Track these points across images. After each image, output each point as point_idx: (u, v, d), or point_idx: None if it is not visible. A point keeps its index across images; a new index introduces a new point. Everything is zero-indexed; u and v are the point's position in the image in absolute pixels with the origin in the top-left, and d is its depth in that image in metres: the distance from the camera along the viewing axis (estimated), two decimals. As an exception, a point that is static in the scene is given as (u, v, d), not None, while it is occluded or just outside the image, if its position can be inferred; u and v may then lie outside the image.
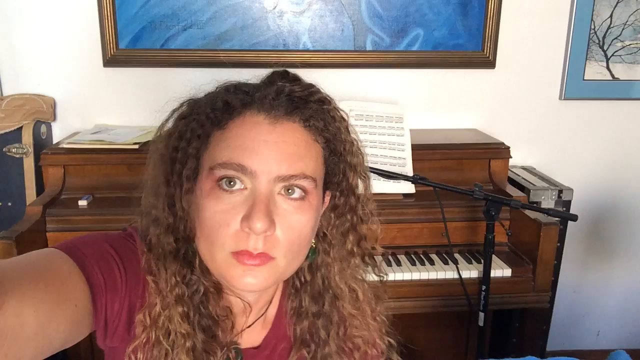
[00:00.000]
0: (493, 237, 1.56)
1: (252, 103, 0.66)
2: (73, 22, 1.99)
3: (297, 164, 0.65)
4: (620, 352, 1.06)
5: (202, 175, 0.67)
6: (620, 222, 2.41)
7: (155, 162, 0.72)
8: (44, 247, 0.87)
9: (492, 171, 1.95)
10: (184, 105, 0.72)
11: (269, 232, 0.63)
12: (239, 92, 0.68)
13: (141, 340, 0.68)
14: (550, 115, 2.27)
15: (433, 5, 2.07)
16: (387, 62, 2.12)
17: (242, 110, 0.66)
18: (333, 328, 0.77)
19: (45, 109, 1.99)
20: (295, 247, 0.67)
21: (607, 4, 2.14)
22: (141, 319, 0.69)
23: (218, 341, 0.72)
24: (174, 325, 0.69)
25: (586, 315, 2.51)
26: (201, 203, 0.65)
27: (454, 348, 2.04)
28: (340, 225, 0.76)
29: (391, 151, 1.83)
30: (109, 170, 1.79)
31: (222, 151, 0.65)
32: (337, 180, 0.73)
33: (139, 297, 0.69)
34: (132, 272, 0.69)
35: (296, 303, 0.78)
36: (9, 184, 1.89)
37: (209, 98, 0.69)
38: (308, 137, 0.68)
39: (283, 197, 0.66)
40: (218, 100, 0.68)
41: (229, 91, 0.69)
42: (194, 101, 0.71)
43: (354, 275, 0.79)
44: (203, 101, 0.70)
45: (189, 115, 0.70)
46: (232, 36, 2.04)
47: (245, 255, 0.64)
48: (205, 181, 0.66)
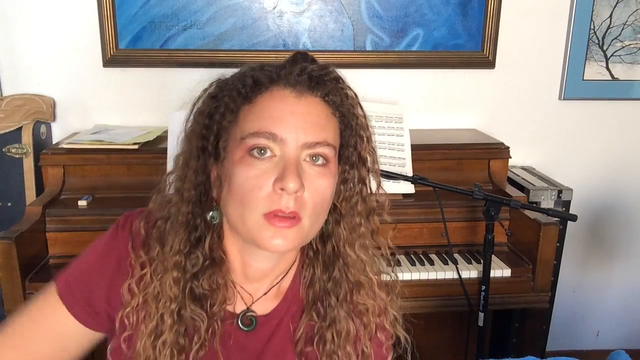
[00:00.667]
0: (493, 237, 1.56)
1: (278, 79, 0.74)
2: (73, 22, 1.99)
3: (321, 133, 0.73)
4: (620, 352, 1.06)
5: (232, 146, 0.73)
6: (620, 222, 2.41)
7: (186, 138, 0.78)
8: (43, 247, 1.31)
9: (491, 171, 1.95)
10: (213, 85, 0.78)
11: (299, 192, 0.71)
12: (265, 70, 0.75)
13: (132, 307, 0.77)
14: (550, 116, 2.27)
15: (433, 5, 2.07)
16: (387, 62, 2.12)
17: (269, 86, 0.74)
18: (342, 293, 0.81)
19: (45, 109, 1.99)
20: (318, 209, 0.74)
21: (606, 4, 2.14)
22: (128, 287, 0.77)
23: (207, 311, 0.77)
24: (164, 288, 0.76)
25: (586, 315, 2.51)
26: (233, 171, 0.72)
27: (454, 348, 2.04)
28: (350, 198, 0.81)
29: (391, 151, 1.83)
30: (108, 170, 1.79)
31: (252, 122, 0.72)
32: (349, 153, 0.80)
33: (122, 278, 0.78)
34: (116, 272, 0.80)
35: (309, 271, 0.84)
36: (9, 184, 1.89)
37: (237, 77, 0.76)
38: (327, 110, 0.76)
39: (308, 164, 0.73)
40: (247, 78, 0.74)
41: (255, 69, 0.75)
42: (223, 81, 0.78)
43: (363, 245, 0.84)
44: (231, 80, 0.77)
45: (219, 93, 0.76)
46: (232, 36, 2.04)
47: (277, 218, 0.71)
48: (236, 151, 0.72)
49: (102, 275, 0.81)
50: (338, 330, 0.81)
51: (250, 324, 0.82)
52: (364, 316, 0.83)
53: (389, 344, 0.87)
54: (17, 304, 1.54)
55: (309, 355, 0.82)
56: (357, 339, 0.82)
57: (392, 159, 1.83)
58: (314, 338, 0.82)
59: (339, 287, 0.82)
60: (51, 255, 1.67)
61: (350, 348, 0.81)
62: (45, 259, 1.65)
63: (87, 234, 1.65)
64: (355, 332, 0.82)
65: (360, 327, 0.83)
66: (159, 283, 0.76)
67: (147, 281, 0.78)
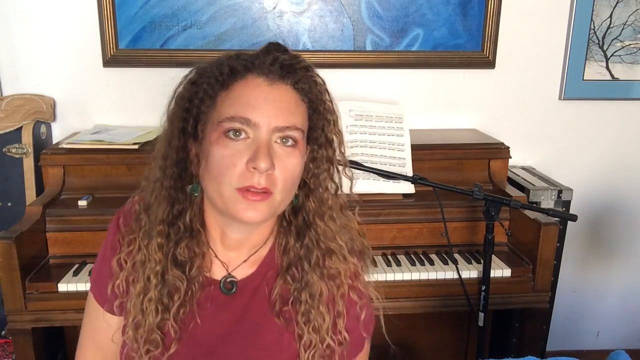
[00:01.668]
0: (493, 237, 1.56)
1: (253, 68, 0.81)
2: (73, 22, 1.99)
3: (290, 118, 0.81)
4: (620, 352, 1.06)
5: (210, 128, 0.81)
6: (620, 222, 2.41)
7: (168, 119, 0.86)
8: (43, 247, 1.51)
9: (491, 171, 1.95)
10: (193, 71, 0.85)
11: (270, 170, 0.78)
12: (240, 59, 0.82)
13: (123, 277, 0.87)
14: (550, 115, 2.27)
15: (433, 5, 2.07)
16: (387, 62, 2.12)
17: (244, 74, 0.81)
18: (314, 258, 0.89)
19: (45, 109, 1.99)
20: (288, 184, 0.82)
21: (607, 4, 2.14)
22: (117, 261, 0.88)
23: (187, 275, 0.87)
24: (150, 253, 0.85)
25: (586, 315, 2.51)
26: (210, 150, 0.80)
27: (454, 348, 2.04)
28: (318, 174, 0.89)
29: (391, 151, 1.83)
30: (108, 170, 1.79)
31: (229, 107, 0.79)
32: (317, 135, 0.88)
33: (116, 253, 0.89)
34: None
35: (284, 240, 0.92)
36: (9, 184, 1.89)
37: (215, 65, 0.83)
38: (297, 96, 0.83)
39: (279, 145, 0.81)
40: (224, 66, 0.81)
41: (232, 58, 0.83)
42: (202, 68, 0.84)
43: (331, 216, 0.91)
44: (209, 68, 0.83)
45: (198, 80, 0.83)
46: (232, 36, 2.04)
47: (250, 192, 0.78)
48: (213, 133, 0.80)
49: (108, 269, 0.91)
50: (311, 292, 0.88)
51: (231, 288, 0.90)
52: (337, 279, 0.90)
53: (363, 302, 0.93)
54: (17, 304, 1.54)
55: (286, 314, 0.89)
56: (331, 300, 0.89)
57: (392, 159, 1.83)
58: (289, 299, 0.89)
59: (311, 253, 0.89)
60: (51, 255, 1.67)
61: (323, 308, 0.88)
62: (45, 259, 1.66)
63: (87, 234, 1.65)
64: (328, 293, 0.89)
65: (333, 288, 0.89)
66: (146, 250, 0.86)
67: (135, 250, 0.88)
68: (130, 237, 0.89)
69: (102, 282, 0.92)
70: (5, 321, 1.58)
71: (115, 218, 0.94)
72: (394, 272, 1.67)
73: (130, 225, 0.90)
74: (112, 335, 0.94)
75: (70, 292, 1.55)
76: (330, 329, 0.88)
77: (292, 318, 0.89)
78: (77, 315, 1.54)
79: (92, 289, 0.96)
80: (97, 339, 0.96)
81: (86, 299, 0.99)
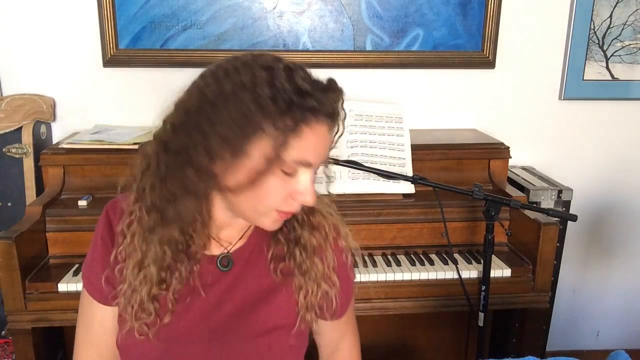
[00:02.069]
0: (493, 237, 1.56)
1: (319, 114, 0.80)
2: (73, 22, 2.00)
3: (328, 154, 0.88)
4: (620, 352, 1.06)
5: (264, 156, 0.79)
6: (620, 222, 2.41)
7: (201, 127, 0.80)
8: (43, 247, 1.50)
9: (491, 171, 1.95)
10: (243, 92, 0.78)
11: None
12: (307, 98, 0.79)
13: (124, 245, 0.90)
14: (550, 116, 2.27)
15: (433, 6, 2.07)
16: (387, 62, 2.12)
17: (312, 119, 0.79)
18: (300, 216, 0.95)
19: (45, 109, 1.99)
20: None
21: (606, 4, 2.14)
22: (121, 230, 0.91)
23: (186, 253, 0.90)
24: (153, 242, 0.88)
25: (586, 315, 2.51)
26: (263, 178, 0.80)
27: (454, 348, 2.04)
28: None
29: (391, 151, 1.83)
30: (108, 170, 1.79)
31: (294, 151, 0.79)
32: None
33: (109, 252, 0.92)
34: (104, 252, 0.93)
35: None
36: (9, 184, 1.89)
37: (283, 104, 0.78)
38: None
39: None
40: (295, 110, 0.78)
41: (301, 95, 0.78)
42: (256, 93, 0.78)
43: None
44: (274, 105, 0.78)
45: (258, 110, 0.77)
46: (232, 36, 2.04)
47: (286, 214, 0.86)
48: (270, 164, 0.79)
49: (100, 261, 0.94)
50: (303, 244, 0.95)
51: (227, 265, 0.95)
52: (322, 230, 0.97)
53: (347, 250, 1.01)
54: (17, 304, 1.54)
55: (283, 270, 0.96)
56: (321, 250, 0.97)
57: (392, 159, 1.83)
58: (284, 256, 0.96)
59: (297, 213, 0.92)
60: (51, 255, 1.67)
61: (317, 259, 0.96)
62: (45, 259, 1.66)
63: (87, 234, 1.65)
64: (318, 244, 0.96)
65: (321, 239, 0.97)
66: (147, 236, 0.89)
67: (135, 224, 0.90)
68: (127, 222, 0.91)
69: (95, 275, 0.94)
70: (5, 321, 1.58)
71: (103, 212, 0.96)
72: (394, 272, 1.67)
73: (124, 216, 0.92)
74: (107, 330, 0.96)
75: (70, 292, 1.55)
76: (324, 275, 0.97)
77: (289, 272, 0.96)
78: (77, 315, 1.55)
79: (85, 284, 0.97)
80: (93, 336, 0.98)
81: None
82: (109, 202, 0.97)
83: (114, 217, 0.94)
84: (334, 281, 0.98)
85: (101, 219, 0.95)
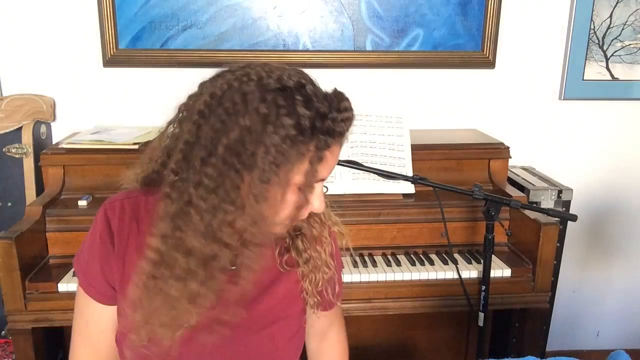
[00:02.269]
0: (493, 237, 1.56)
1: (338, 135, 0.84)
2: (73, 22, 2.00)
3: None
4: (620, 352, 1.05)
5: (288, 172, 0.81)
6: (620, 222, 2.41)
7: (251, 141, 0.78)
8: (43, 247, 1.50)
9: (491, 171, 1.95)
10: (282, 116, 0.78)
11: None
12: (326, 121, 0.82)
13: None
14: (550, 116, 2.27)
15: (433, 6, 2.07)
16: (387, 62, 2.12)
17: (332, 142, 0.83)
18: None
19: (45, 109, 1.99)
20: None
21: (606, 4, 2.14)
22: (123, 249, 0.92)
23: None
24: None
25: (586, 315, 2.51)
26: (282, 192, 0.82)
27: (454, 348, 2.04)
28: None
29: (391, 151, 1.83)
30: (108, 170, 1.79)
31: (317, 171, 0.83)
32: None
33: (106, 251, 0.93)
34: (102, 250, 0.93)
35: None
36: (9, 184, 1.89)
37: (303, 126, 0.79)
38: None
39: None
40: (317, 135, 0.81)
41: (321, 118, 0.81)
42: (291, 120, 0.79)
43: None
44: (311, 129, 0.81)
45: (293, 134, 0.79)
46: (232, 36, 2.04)
47: (298, 221, 0.91)
48: (291, 178, 0.81)
49: (96, 260, 0.94)
50: (304, 234, 1.00)
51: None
52: (319, 219, 1.02)
53: (341, 236, 1.07)
54: (17, 304, 1.54)
55: (288, 261, 1.01)
56: (320, 238, 1.02)
57: (392, 159, 1.83)
58: (289, 248, 1.01)
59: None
60: (51, 255, 1.67)
61: (318, 247, 1.02)
62: (45, 259, 1.66)
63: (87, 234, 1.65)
64: (318, 233, 1.01)
65: (319, 228, 1.02)
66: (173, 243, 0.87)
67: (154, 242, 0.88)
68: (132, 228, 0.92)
69: (92, 274, 0.94)
70: (5, 321, 1.58)
71: (101, 211, 0.95)
72: (394, 272, 1.67)
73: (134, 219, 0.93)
74: (104, 328, 0.96)
75: (70, 292, 1.55)
76: (325, 261, 1.03)
77: (293, 263, 1.01)
78: (77, 315, 1.55)
79: (81, 283, 0.97)
80: (90, 334, 0.98)
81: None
82: (106, 201, 0.97)
83: (112, 216, 0.93)
84: (334, 265, 1.05)
85: (99, 218, 0.95)
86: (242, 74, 0.80)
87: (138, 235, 0.93)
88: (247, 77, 0.80)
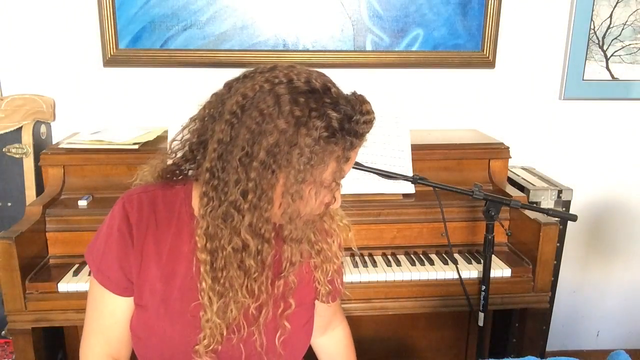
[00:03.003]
0: (493, 237, 1.56)
1: (360, 136, 0.87)
2: (73, 22, 2.00)
3: None
4: (620, 352, 1.05)
5: (322, 174, 0.85)
6: (620, 222, 2.41)
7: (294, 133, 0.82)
8: (43, 247, 1.52)
9: (491, 171, 1.95)
10: (327, 121, 0.82)
11: None
12: (352, 124, 0.85)
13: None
14: (550, 116, 2.27)
15: (433, 6, 2.07)
16: (387, 62, 2.12)
17: (356, 142, 0.87)
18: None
19: (45, 109, 1.99)
20: None
21: (606, 4, 2.14)
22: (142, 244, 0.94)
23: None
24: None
25: (586, 315, 2.51)
26: (315, 190, 0.86)
27: (454, 348, 2.04)
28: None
29: (391, 151, 1.83)
30: (108, 170, 1.79)
31: (343, 170, 0.87)
32: None
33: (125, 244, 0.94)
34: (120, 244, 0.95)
35: None
36: (9, 184, 1.89)
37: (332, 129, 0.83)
38: None
39: None
40: (345, 137, 0.84)
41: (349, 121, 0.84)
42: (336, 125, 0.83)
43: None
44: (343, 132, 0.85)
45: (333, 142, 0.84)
46: (232, 36, 2.04)
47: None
48: (323, 178, 0.85)
49: (113, 252, 0.95)
50: (317, 227, 1.02)
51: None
52: (328, 212, 1.02)
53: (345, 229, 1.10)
54: (17, 304, 1.54)
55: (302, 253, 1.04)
56: (330, 230, 1.06)
57: (392, 159, 1.82)
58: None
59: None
60: (51, 255, 1.67)
61: (329, 239, 1.05)
62: (45, 259, 1.66)
63: (87, 234, 1.65)
64: (328, 227, 1.05)
65: (328, 221, 1.05)
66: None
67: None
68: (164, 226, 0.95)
69: (109, 266, 0.95)
70: (5, 321, 1.58)
71: (119, 204, 0.96)
72: (394, 272, 1.67)
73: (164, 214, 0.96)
74: (118, 319, 0.98)
75: (70, 292, 1.55)
76: (336, 252, 1.07)
77: (308, 254, 1.04)
78: (77, 315, 1.55)
79: (95, 275, 0.97)
80: (103, 324, 0.99)
81: (87, 297, 1.00)
82: (124, 194, 0.98)
83: (131, 210, 0.95)
84: (342, 256, 1.10)
85: (117, 211, 0.95)
86: (272, 76, 0.84)
87: (156, 229, 0.95)
88: (277, 78, 0.83)
